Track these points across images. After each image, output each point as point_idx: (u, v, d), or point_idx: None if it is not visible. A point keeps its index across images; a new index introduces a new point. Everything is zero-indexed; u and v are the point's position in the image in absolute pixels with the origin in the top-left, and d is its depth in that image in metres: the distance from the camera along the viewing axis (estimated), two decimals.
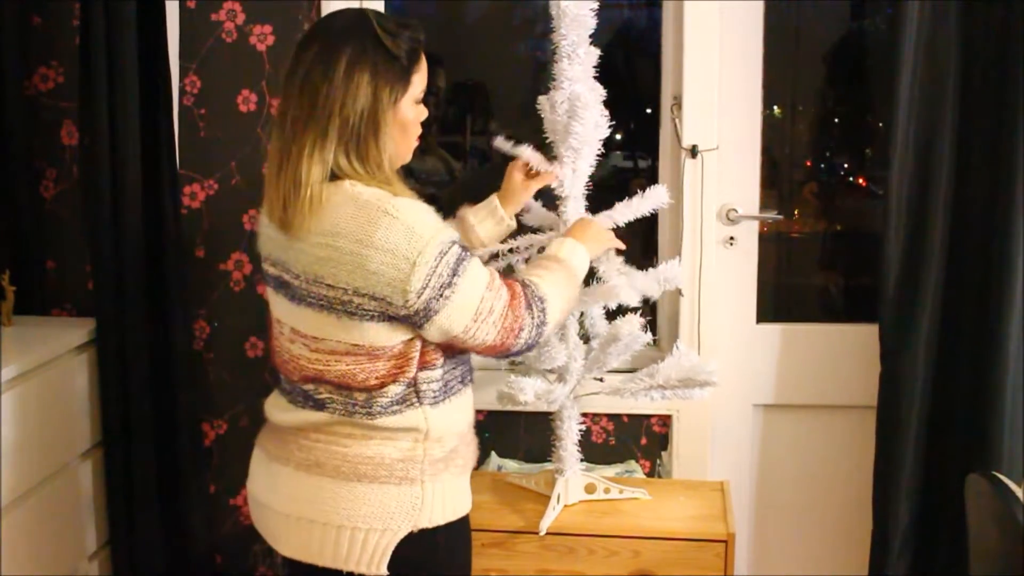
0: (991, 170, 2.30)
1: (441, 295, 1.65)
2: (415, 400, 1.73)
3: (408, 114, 1.75)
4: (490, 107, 3.12)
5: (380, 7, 2.56)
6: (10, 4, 2.49)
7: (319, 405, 1.75)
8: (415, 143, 1.81)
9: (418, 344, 1.72)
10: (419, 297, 1.64)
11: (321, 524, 1.73)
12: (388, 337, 1.69)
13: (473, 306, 1.69)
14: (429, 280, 1.64)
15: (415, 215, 1.66)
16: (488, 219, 2.10)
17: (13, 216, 2.56)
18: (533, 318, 1.76)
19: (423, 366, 1.73)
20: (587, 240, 1.99)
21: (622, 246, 2.12)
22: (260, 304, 2.60)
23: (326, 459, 1.74)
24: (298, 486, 1.76)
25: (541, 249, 2.11)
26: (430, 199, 1.75)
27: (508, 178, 2.13)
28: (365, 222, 1.64)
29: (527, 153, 2.10)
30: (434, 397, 1.75)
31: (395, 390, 1.71)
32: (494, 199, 2.12)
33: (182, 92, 2.57)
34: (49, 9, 2.57)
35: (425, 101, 1.81)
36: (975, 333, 2.34)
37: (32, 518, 2.23)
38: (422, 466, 1.74)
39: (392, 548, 1.72)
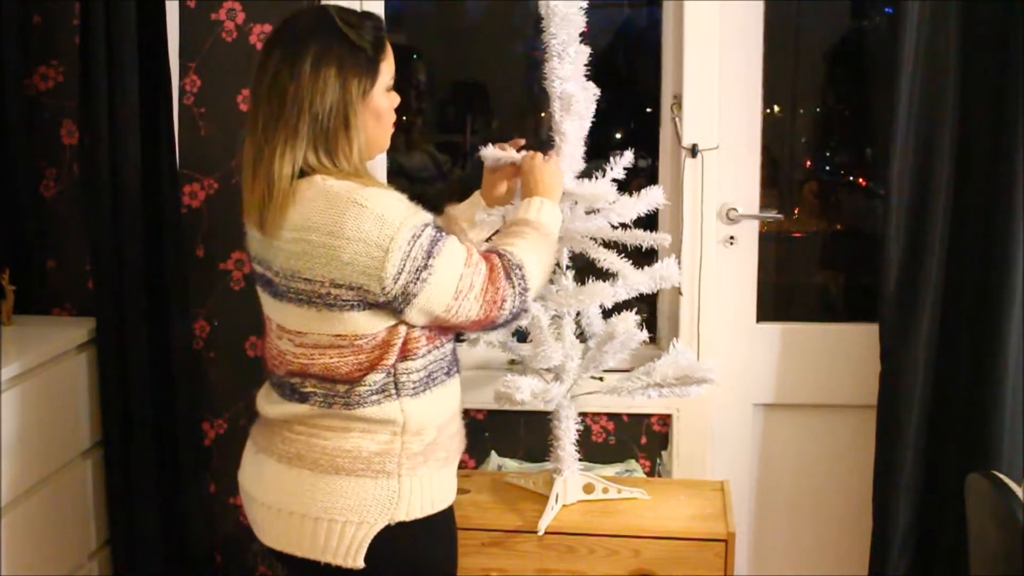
0: (991, 170, 2.30)
1: (418, 278, 1.66)
2: (393, 391, 1.75)
3: (381, 103, 1.77)
4: (490, 107, 3.12)
5: (379, 7, 2.56)
6: (10, 3, 2.49)
7: (303, 398, 1.78)
8: (391, 130, 1.83)
9: (401, 332, 1.73)
10: (395, 283, 1.65)
11: (300, 516, 1.76)
12: (370, 324, 1.70)
13: (452, 284, 1.70)
14: (404, 264, 1.65)
15: (384, 203, 1.67)
16: (474, 214, 2.07)
17: (13, 216, 2.56)
18: (514, 287, 1.76)
19: (404, 356, 1.74)
20: (547, 191, 1.94)
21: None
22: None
23: (306, 452, 1.77)
24: (280, 478, 1.79)
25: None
26: (418, 197, 1.76)
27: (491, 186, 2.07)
28: (335, 214, 1.65)
29: (489, 152, 2.04)
30: (414, 388, 1.76)
31: (374, 378, 1.72)
32: (478, 196, 2.09)
33: (182, 92, 2.57)
34: (49, 8, 2.57)
35: (402, 92, 1.83)
36: (975, 333, 2.34)
37: (32, 517, 2.24)
38: (399, 460, 1.76)
39: (368, 541, 1.74)
